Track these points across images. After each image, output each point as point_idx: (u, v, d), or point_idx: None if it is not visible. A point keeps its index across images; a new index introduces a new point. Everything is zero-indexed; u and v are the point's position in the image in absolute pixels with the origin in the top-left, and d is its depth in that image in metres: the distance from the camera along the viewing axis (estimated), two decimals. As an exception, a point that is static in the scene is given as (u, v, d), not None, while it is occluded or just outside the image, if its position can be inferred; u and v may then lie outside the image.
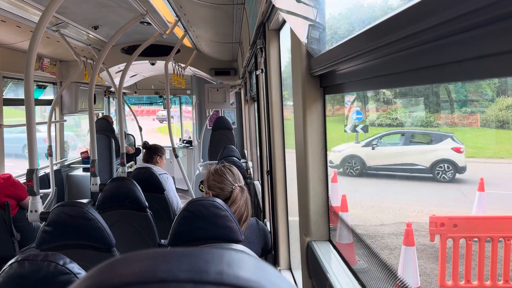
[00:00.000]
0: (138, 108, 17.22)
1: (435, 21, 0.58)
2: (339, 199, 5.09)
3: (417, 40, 0.66)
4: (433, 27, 0.59)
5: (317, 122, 1.36)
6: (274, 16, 2.05)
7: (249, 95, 5.49)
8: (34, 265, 1.26)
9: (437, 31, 0.60)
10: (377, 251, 1.23)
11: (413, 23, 0.63)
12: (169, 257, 0.36)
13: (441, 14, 0.56)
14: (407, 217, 5.79)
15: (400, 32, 0.68)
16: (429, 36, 0.62)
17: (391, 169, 7.40)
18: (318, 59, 1.23)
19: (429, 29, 0.60)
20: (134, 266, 0.36)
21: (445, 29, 0.58)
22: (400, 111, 7.77)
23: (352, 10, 2.04)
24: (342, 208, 4.98)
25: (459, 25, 0.55)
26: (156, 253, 0.37)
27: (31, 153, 2.46)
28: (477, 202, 5.27)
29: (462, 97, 6.47)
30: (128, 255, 0.38)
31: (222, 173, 2.19)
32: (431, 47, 0.65)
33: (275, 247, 2.47)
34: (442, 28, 0.58)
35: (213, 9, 3.29)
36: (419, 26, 0.62)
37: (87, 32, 4.57)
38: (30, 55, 2.41)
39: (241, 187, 2.14)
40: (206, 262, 0.36)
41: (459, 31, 0.56)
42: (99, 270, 0.37)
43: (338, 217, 1.53)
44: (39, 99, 5.64)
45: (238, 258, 0.38)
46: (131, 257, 0.38)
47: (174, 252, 0.37)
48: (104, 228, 2.12)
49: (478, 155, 7.03)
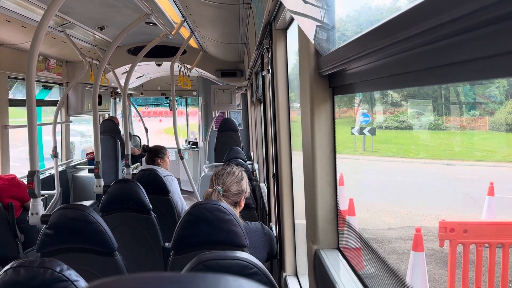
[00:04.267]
0: (145, 109, 17.26)
1: (448, 17, 0.55)
2: (346, 203, 5.01)
3: (430, 37, 0.63)
4: (446, 23, 0.57)
5: (325, 124, 1.30)
6: (281, 15, 2.00)
7: (255, 96, 5.44)
8: (29, 272, 1.22)
9: (450, 28, 0.57)
10: (384, 257, 1.17)
11: (425, 19, 0.60)
12: (155, 284, 0.31)
13: (455, 11, 0.53)
14: (415, 221, 5.70)
15: (412, 29, 0.64)
16: (442, 33, 0.60)
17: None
18: (327, 58, 1.18)
19: (442, 25, 0.58)
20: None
21: (460, 26, 0.55)
22: (408, 114, 7.68)
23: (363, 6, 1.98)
24: (349, 212, 4.90)
25: (473, 22, 0.52)
26: (140, 279, 0.32)
27: (32, 154, 2.43)
28: (486, 206, 5.18)
29: (471, 100, 6.38)
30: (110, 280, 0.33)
31: (223, 172, 2.16)
32: (444, 45, 0.63)
33: (281, 252, 2.41)
34: (456, 25, 0.55)
35: (219, 9, 3.25)
36: (432, 23, 0.59)
37: (93, 32, 4.55)
38: (32, 54, 2.38)
39: (218, 192, 2.10)
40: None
41: (474, 28, 0.54)
42: None
43: (347, 224, 1.48)
44: (45, 99, 5.64)
45: (237, 285, 0.32)
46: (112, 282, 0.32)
47: (161, 277, 0.32)
48: (106, 232, 2.07)
49: (487, 158, 6.92)
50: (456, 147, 7.40)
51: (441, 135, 7.50)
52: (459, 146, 7.33)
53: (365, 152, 7.87)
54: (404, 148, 8.12)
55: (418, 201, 6.62)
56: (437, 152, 7.55)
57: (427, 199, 6.60)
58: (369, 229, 5.63)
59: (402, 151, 8.09)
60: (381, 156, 8.20)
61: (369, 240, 1.29)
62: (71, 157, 6.19)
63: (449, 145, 7.51)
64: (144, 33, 5.00)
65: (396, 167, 7.78)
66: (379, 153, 8.16)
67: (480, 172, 6.51)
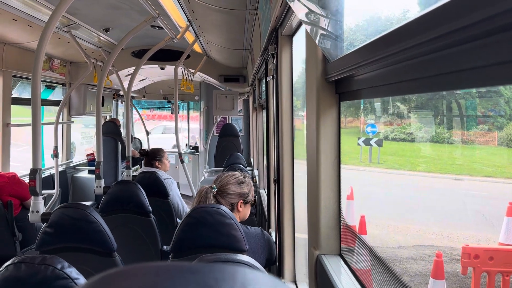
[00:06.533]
0: (150, 113, 17.22)
1: (456, 25, 0.56)
2: (356, 219, 4.76)
3: (438, 45, 0.64)
4: (455, 31, 0.58)
5: (331, 129, 1.30)
6: (288, 21, 2.01)
7: (257, 102, 5.45)
8: (31, 268, 1.21)
9: (459, 36, 0.58)
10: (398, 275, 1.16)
11: (434, 27, 0.61)
12: (174, 273, 0.31)
13: (461, 20, 0.54)
14: (426, 240, 5.51)
15: (419, 37, 0.66)
16: (450, 41, 0.61)
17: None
18: (335, 64, 1.18)
19: (450, 33, 0.59)
20: (133, 281, 0.31)
21: (468, 34, 0.56)
22: (415, 126, 7.62)
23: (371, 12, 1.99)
24: (360, 230, 4.62)
25: (480, 30, 0.53)
26: (159, 267, 0.32)
27: (35, 152, 2.43)
28: (504, 228, 4.86)
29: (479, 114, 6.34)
30: (128, 268, 0.33)
31: (228, 174, 2.16)
32: (452, 52, 0.63)
33: (280, 258, 2.40)
34: (464, 33, 0.56)
35: (225, 14, 3.27)
36: (440, 31, 0.60)
37: (98, 34, 4.57)
38: (39, 54, 2.39)
39: (211, 189, 2.09)
40: (216, 280, 0.31)
41: (481, 36, 0.54)
42: (94, 283, 0.32)
43: (350, 230, 1.47)
44: (47, 99, 5.65)
45: (253, 277, 0.32)
46: (130, 270, 0.33)
47: (180, 267, 0.32)
48: (105, 232, 2.07)
49: (496, 174, 6.76)
50: (464, 161, 7.29)
51: (448, 148, 7.42)
52: (468, 161, 7.21)
53: (371, 164, 7.78)
54: (412, 161, 8.01)
55: (428, 217, 6.44)
56: (444, 166, 7.44)
57: (437, 216, 6.42)
58: (378, 246, 5.44)
59: (410, 163, 7.98)
60: (388, 168, 8.09)
61: (381, 260, 1.25)
62: (71, 157, 6.19)
63: (457, 159, 7.39)
64: (148, 36, 5.03)
65: (403, 180, 7.64)
66: (385, 165, 8.05)
67: (490, 188, 6.38)
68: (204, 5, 3.07)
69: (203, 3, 3.02)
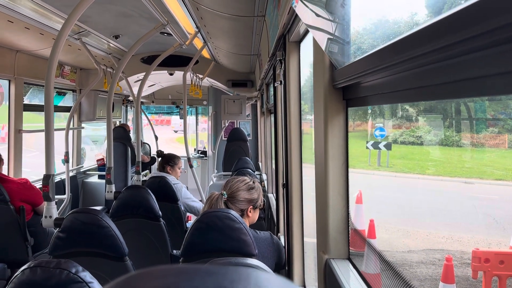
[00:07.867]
0: (159, 118, 17.28)
1: (461, 36, 0.57)
2: (365, 223, 4.74)
3: (445, 54, 0.65)
4: (460, 42, 0.59)
5: (339, 135, 1.32)
6: (296, 28, 2.04)
7: (265, 107, 5.47)
8: (46, 272, 1.25)
9: (463, 46, 0.59)
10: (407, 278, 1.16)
11: (441, 37, 0.63)
12: (193, 274, 0.33)
13: (469, 29, 0.55)
14: (436, 244, 5.44)
15: (428, 46, 0.67)
16: (456, 50, 0.62)
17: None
18: (342, 71, 1.20)
19: (455, 44, 0.60)
20: (154, 282, 0.33)
21: (473, 44, 0.57)
22: (424, 129, 7.56)
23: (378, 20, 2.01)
24: (369, 235, 4.59)
25: (488, 40, 0.54)
26: (178, 269, 0.34)
27: (48, 158, 2.47)
28: None
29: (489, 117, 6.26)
30: (148, 270, 0.36)
31: (234, 178, 2.18)
32: (459, 61, 0.65)
33: (289, 262, 2.41)
34: (469, 43, 0.57)
35: (233, 21, 3.30)
36: (447, 40, 0.61)
37: (108, 41, 4.64)
38: (52, 61, 2.44)
39: (222, 196, 2.12)
40: (231, 281, 0.33)
41: (490, 45, 0.55)
42: (116, 284, 0.34)
43: (358, 235, 1.48)
44: (58, 105, 5.73)
45: (266, 278, 0.35)
46: (151, 272, 0.35)
47: (198, 269, 0.34)
48: (117, 237, 2.10)
49: (507, 178, 6.65)
50: (474, 164, 7.18)
51: (457, 151, 7.33)
52: (478, 164, 7.11)
53: (380, 167, 7.72)
54: (421, 165, 7.92)
55: (437, 221, 6.36)
56: (454, 169, 7.34)
57: (446, 219, 6.34)
58: (388, 250, 5.39)
59: (419, 167, 7.90)
60: (397, 172, 8.01)
61: (390, 264, 1.25)
62: (81, 163, 6.27)
63: (467, 162, 7.29)
64: (157, 43, 5.09)
65: (412, 183, 7.56)
66: (394, 169, 7.98)
67: (501, 191, 6.29)
68: (213, 12, 3.11)
69: (211, 10, 3.06)
